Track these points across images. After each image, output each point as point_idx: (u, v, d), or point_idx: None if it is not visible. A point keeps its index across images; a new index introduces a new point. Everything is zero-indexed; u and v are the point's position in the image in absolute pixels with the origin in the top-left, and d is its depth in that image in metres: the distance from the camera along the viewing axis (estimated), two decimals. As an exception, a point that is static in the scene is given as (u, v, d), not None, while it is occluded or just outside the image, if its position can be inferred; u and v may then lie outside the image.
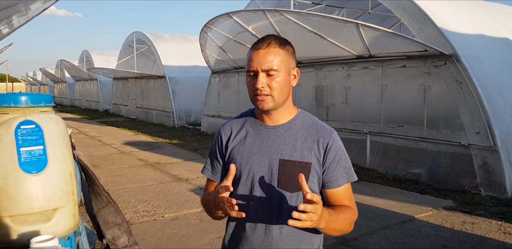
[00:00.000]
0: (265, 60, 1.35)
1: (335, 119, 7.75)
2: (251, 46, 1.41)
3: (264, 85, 1.35)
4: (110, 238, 1.94)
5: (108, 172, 7.10)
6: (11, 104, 1.63)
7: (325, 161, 1.41)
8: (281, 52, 1.37)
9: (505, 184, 5.30)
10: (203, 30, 9.55)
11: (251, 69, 1.37)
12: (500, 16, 7.58)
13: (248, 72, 1.39)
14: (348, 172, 1.45)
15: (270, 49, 1.36)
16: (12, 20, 3.16)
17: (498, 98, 5.75)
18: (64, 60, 23.69)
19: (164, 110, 14.86)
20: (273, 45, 1.37)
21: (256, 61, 1.35)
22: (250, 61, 1.37)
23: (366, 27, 5.82)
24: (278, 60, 1.36)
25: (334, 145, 1.43)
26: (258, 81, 1.35)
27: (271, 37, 1.40)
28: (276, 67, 1.35)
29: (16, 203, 1.53)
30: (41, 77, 38.48)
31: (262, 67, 1.35)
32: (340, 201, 1.44)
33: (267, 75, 1.36)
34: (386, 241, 3.99)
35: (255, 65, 1.36)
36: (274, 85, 1.36)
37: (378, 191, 5.80)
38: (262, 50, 1.36)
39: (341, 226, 1.36)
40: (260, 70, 1.35)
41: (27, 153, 1.56)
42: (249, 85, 1.40)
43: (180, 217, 4.74)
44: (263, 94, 1.36)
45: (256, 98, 1.38)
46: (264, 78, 1.36)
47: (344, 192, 1.44)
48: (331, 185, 1.43)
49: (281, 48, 1.38)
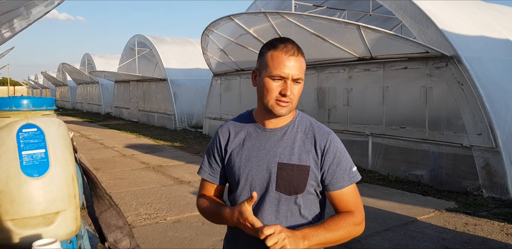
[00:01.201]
0: (297, 68, 1.35)
1: (337, 121, 7.74)
2: (271, 46, 1.38)
3: (291, 93, 1.35)
4: (112, 241, 1.94)
5: (110, 175, 7.10)
6: (13, 108, 1.64)
7: (323, 163, 1.41)
8: (303, 61, 1.39)
9: (507, 185, 5.28)
10: (205, 32, 9.57)
11: (282, 74, 1.34)
12: (501, 17, 7.58)
13: (274, 76, 1.35)
14: (350, 174, 1.44)
15: (299, 58, 1.37)
16: (13, 23, 3.17)
17: (500, 99, 5.74)
18: (65, 63, 23.76)
19: (166, 112, 14.87)
20: (300, 53, 1.38)
21: (289, 68, 1.34)
22: (280, 65, 1.34)
23: (367, 29, 5.83)
24: (303, 70, 1.38)
25: (332, 147, 1.42)
26: (287, 87, 1.34)
27: (294, 43, 1.40)
28: (303, 77, 1.37)
29: (18, 206, 1.53)
30: (43, 80, 38.60)
31: (294, 75, 1.35)
32: (345, 204, 1.42)
33: (294, 83, 1.36)
34: (389, 243, 3.98)
35: (288, 72, 1.34)
36: (296, 93, 1.37)
37: (380, 193, 5.78)
38: (294, 57, 1.35)
39: (337, 238, 1.34)
40: (291, 77, 1.35)
41: (29, 157, 1.57)
42: (271, 88, 1.36)
43: (182, 220, 4.74)
44: (287, 101, 1.36)
45: (278, 104, 1.36)
46: (291, 85, 1.36)
47: (348, 194, 1.43)
48: (332, 187, 1.42)
49: (303, 56, 1.39)
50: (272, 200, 1.41)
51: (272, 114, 1.39)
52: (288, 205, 1.41)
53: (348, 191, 1.43)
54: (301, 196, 1.41)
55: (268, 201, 1.41)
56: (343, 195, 1.42)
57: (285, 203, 1.41)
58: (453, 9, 6.83)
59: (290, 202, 1.41)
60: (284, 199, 1.40)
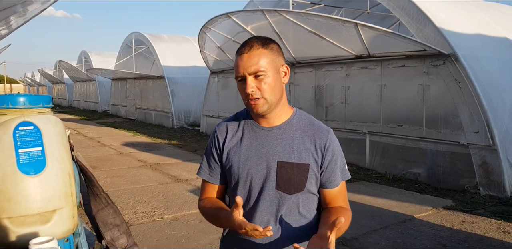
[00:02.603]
0: (249, 64, 1.33)
1: (334, 119, 7.75)
2: (236, 52, 1.40)
3: (254, 89, 1.33)
4: (109, 240, 1.93)
5: (107, 173, 7.09)
6: (9, 105, 1.63)
7: (323, 162, 1.41)
8: (265, 52, 1.36)
9: (504, 183, 5.30)
10: (202, 30, 9.54)
11: (239, 74, 1.35)
12: (500, 16, 7.59)
13: (237, 78, 1.37)
14: (343, 171, 1.46)
15: (253, 52, 1.34)
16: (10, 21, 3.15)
17: (497, 98, 5.75)
18: (62, 61, 23.66)
19: (163, 110, 14.85)
20: (255, 47, 1.35)
21: (241, 66, 1.34)
22: (236, 67, 1.36)
23: (365, 27, 5.82)
24: (263, 61, 1.34)
25: (332, 145, 1.42)
26: (247, 85, 1.33)
27: (253, 39, 1.38)
28: (263, 68, 1.33)
29: (14, 204, 1.52)
30: (40, 78, 38.47)
31: (248, 70, 1.33)
32: (336, 200, 1.45)
33: (255, 77, 1.34)
34: (386, 240, 3.99)
35: (241, 70, 1.34)
36: (264, 87, 1.34)
37: (377, 191, 5.79)
38: (245, 54, 1.34)
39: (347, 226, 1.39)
40: (247, 74, 1.34)
41: (26, 155, 1.56)
42: (240, 91, 1.38)
43: (179, 218, 4.73)
44: (255, 98, 1.34)
45: (250, 103, 1.36)
46: (252, 81, 1.34)
47: (339, 191, 1.45)
48: (329, 185, 1.43)
49: (265, 48, 1.36)
50: (272, 199, 1.40)
51: (256, 114, 1.40)
52: (288, 203, 1.40)
53: (340, 188, 1.45)
54: (300, 194, 1.40)
55: (268, 200, 1.40)
56: (337, 192, 1.44)
57: (284, 202, 1.40)
58: (451, 7, 6.84)
59: (290, 200, 1.40)
60: (283, 198, 1.40)
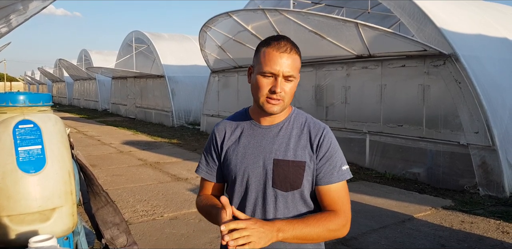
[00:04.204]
0: (288, 66, 1.33)
1: (335, 118, 7.75)
2: (265, 43, 1.38)
3: (282, 90, 1.34)
4: (109, 238, 1.94)
5: (107, 172, 7.09)
6: (9, 104, 1.63)
7: (316, 157, 1.41)
8: (298, 58, 1.37)
9: (503, 184, 5.30)
10: (203, 29, 9.54)
11: (272, 71, 1.33)
12: (501, 16, 7.59)
13: (265, 72, 1.35)
14: (339, 171, 1.41)
15: (292, 55, 1.35)
16: (10, 19, 3.15)
17: (497, 98, 5.75)
18: (62, 59, 23.64)
19: (163, 109, 14.84)
20: (294, 50, 1.36)
21: (279, 65, 1.33)
22: (270, 62, 1.33)
23: (365, 27, 5.82)
24: (296, 67, 1.36)
25: (325, 141, 1.42)
26: (277, 85, 1.33)
27: (289, 41, 1.38)
28: (295, 74, 1.35)
29: (14, 202, 1.52)
30: (40, 76, 38.43)
31: (285, 72, 1.33)
32: (330, 201, 1.40)
33: (285, 80, 1.35)
34: (385, 240, 3.99)
35: (278, 68, 1.33)
36: (288, 91, 1.36)
37: (377, 191, 5.80)
38: (286, 54, 1.34)
39: (314, 235, 1.31)
40: (282, 74, 1.34)
41: (25, 153, 1.56)
42: (261, 84, 1.35)
43: (179, 216, 4.74)
44: (278, 98, 1.35)
45: (268, 101, 1.36)
46: (283, 83, 1.34)
47: (335, 192, 1.40)
48: (319, 182, 1.41)
49: (298, 54, 1.38)
50: (269, 197, 1.41)
51: (264, 111, 1.39)
52: (285, 201, 1.41)
53: (335, 188, 1.40)
54: (297, 192, 1.41)
55: (265, 198, 1.41)
56: (330, 191, 1.40)
57: (282, 200, 1.40)
58: (451, 7, 6.83)
59: (287, 198, 1.40)
60: (281, 196, 1.40)
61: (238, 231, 1.17)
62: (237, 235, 1.16)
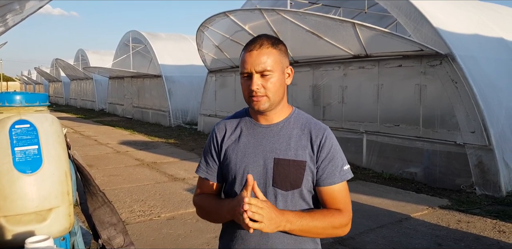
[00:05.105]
0: (258, 61, 1.34)
1: (332, 118, 7.76)
2: (243, 48, 1.41)
3: (259, 87, 1.35)
4: (106, 238, 1.93)
5: (103, 172, 7.07)
6: (5, 103, 1.62)
7: (318, 159, 1.42)
8: (274, 52, 1.37)
9: (500, 183, 5.32)
10: (200, 29, 9.53)
11: (245, 71, 1.36)
12: (497, 16, 7.62)
13: (242, 74, 1.38)
14: (341, 171, 1.43)
15: (263, 50, 1.36)
16: (6, 18, 3.14)
17: (493, 98, 5.77)
18: (59, 59, 23.57)
19: (161, 109, 14.82)
20: (265, 45, 1.36)
21: (250, 63, 1.35)
22: (243, 62, 1.37)
23: (362, 27, 5.83)
24: (271, 61, 1.36)
25: (327, 143, 1.43)
26: (252, 82, 1.35)
27: (263, 37, 1.40)
28: (270, 68, 1.35)
29: (10, 203, 1.52)
30: (36, 76, 38.29)
31: (256, 68, 1.34)
32: (334, 201, 1.42)
33: (262, 76, 1.36)
34: (382, 240, 4.00)
35: (249, 67, 1.35)
36: (269, 86, 1.36)
37: (374, 190, 5.81)
38: (255, 51, 1.36)
39: (320, 230, 1.35)
40: (254, 71, 1.35)
41: (22, 153, 1.55)
42: (244, 86, 1.39)
43: (176, 216, 4.73)
44: (258, 95, 1.36)
45: (252, 99, 1.37)
46: (258, 79, 1.35)
47: (338, 192, 1.43)
48: (322, 183, 1.42)
49: (274, 47, 1.38)
50: (269, 196, 1.41)
51: (256, 110, 1.41)
52: (285, 201, 1.41)
53: (338, 188, 1.43)
54: (297, 191, 1.41)
55: (266, 197, 1.41)
56: (333, 192, 1.42)
57: (282, 199, 1.41)
58: (448, 7, 6.85)
59: (287, 198, 1.41)
60: (280, 195, 1.41)
61: (256, 207, 1.20)
62: (255, 209, 1.19)
